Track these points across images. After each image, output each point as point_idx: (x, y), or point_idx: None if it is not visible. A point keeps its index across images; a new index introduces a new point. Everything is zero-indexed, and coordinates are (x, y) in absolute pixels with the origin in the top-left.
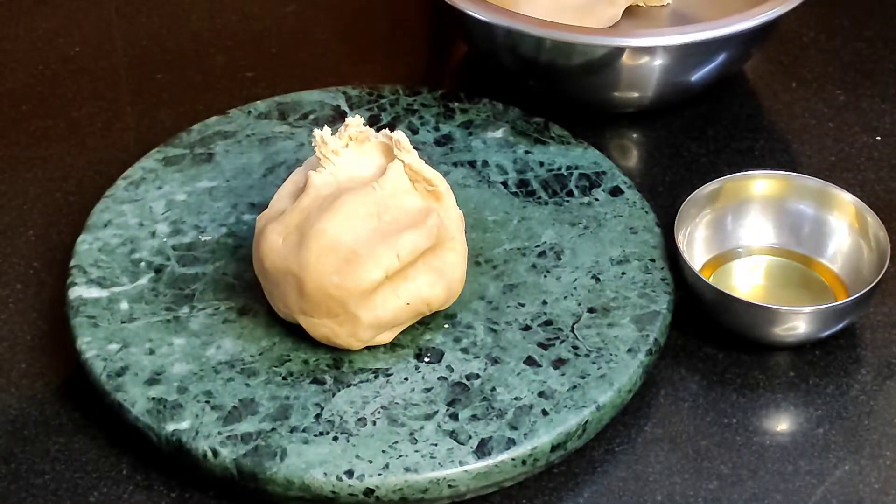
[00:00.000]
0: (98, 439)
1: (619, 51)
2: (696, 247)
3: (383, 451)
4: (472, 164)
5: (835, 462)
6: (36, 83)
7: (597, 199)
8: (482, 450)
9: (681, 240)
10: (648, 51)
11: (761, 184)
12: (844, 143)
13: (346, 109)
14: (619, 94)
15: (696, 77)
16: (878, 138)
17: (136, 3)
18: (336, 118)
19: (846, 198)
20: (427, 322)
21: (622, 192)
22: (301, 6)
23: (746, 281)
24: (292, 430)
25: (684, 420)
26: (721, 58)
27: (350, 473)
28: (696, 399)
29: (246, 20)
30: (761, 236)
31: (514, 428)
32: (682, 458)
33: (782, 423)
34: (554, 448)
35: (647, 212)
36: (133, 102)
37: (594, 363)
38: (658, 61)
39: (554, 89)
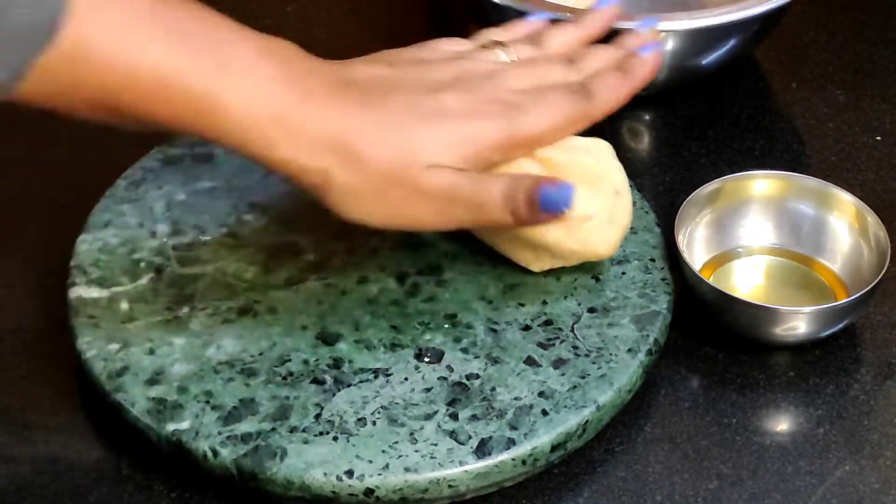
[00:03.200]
0: (98, 439)
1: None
2: (696, 247)
3: (383, 451)
4: None
5: (835, 462)
6: None
7: None
8: (482, 450)
9: (681, 240)
10: (659, 34)
11: (761, 184)
12: (844, 143)
13: None
14: None
15: (707, 60)
16: (878, 138)
17: None
18: None
19: (846, 198)
20: (427, 322)
21: None
22: (301, 6)
23: (746, 281)
24: (292, 430)
25: (684, 420)
26: (734, 41)
27: (350, 473)
28: (696, 399)
29: (246, 20)
30: (761, 236)
31: (514, 428)
32: (682, 458)
33: (782, 423)
34: (554, 448)
35: (646, 212)
36: None
37: (594, 363)
38: (669, 44)
39: None
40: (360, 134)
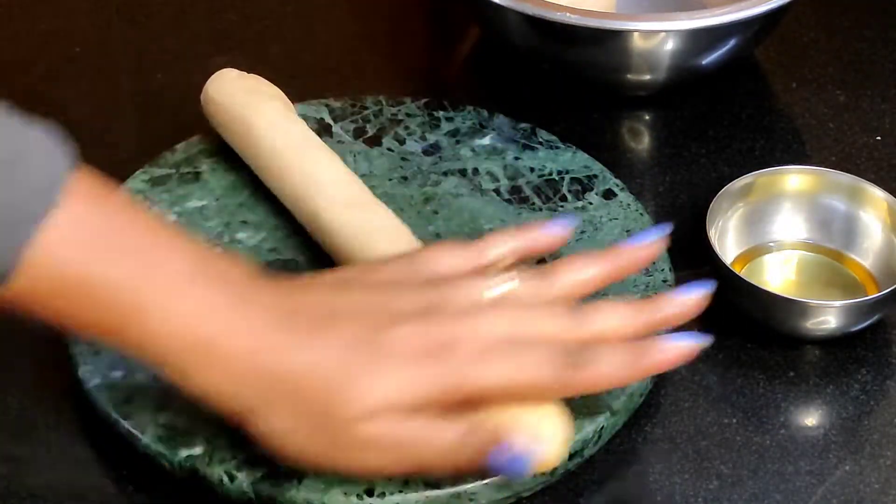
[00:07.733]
0: (98, 440)
1: (631, 34)
2: (727, 240)
3: None
4: (462, 172)
5: (835, 462)
6: (36, 83)
7: (591, 203)
8: None
9: (712, 233)
10: (660, 34)
11: (794, 179)
12: (844, 143)
13: (331, 122)
14: (632, 77)
15: (707, 60)
16: (878, 138)
17: (136, 3)
18: (321, 131)
19: (878, 194)
20: None
21: (615, 194)
22: (301, 6)
23: (778, 275)
24: None
25: (684, 420)
26: (734, 41)
27: (370, 492)
28: (695, 399)
29: (246, 20)
30: (793, 231)
31: None
32: (682, 458)
33: (782, 423)
34: (572, 456)
35: (641, 214)
36: (133, 103)
37: None
38: (670, 44)
39: (568, 72)
40: (292, 374)
